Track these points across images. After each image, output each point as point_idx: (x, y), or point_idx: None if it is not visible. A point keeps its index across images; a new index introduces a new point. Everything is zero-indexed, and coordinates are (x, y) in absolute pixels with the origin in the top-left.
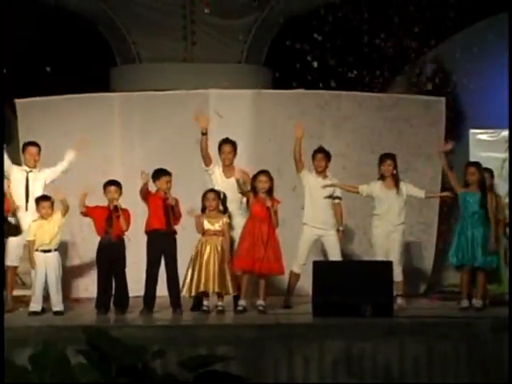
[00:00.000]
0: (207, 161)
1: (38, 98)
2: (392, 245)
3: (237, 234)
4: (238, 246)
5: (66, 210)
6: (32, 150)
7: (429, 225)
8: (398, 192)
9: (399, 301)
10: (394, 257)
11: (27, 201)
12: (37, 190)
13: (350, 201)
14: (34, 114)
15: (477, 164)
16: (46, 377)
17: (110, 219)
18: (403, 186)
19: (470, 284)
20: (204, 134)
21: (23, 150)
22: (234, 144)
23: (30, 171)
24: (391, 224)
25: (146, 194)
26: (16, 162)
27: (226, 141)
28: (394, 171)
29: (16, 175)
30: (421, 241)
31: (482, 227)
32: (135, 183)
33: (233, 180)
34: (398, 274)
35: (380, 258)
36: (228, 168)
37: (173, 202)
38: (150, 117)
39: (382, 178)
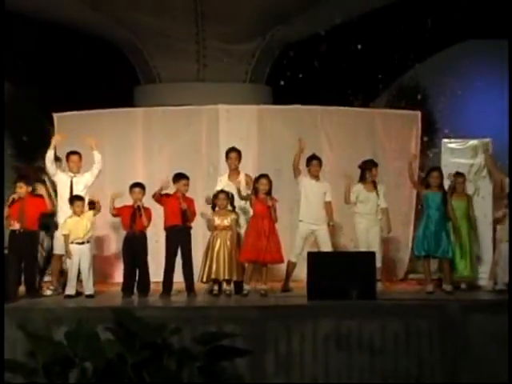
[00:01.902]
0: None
1: (73, 112)
2: (372, 238)
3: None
4: (244, 240)
5: (98, 210)
6: (74, 157)
7: (407, 220)
8: (377, 193)
9: (379, 285)
10: (375, 247)
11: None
12: (80, 192)
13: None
14: (69, 126)
15: (439, 169)
16: (79, 350)
17: (133, 217)
18: (380, 188)
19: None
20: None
21: (67, 159)
22: (239, 152)
23: (74, 176)
24: (371, 220)
25: (158, 198)
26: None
27: (232, 149)
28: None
29: (62, 180)
30: (399, 233)
31: (442, 223)
32: (155, 185)
33: (237, 182)
34: (377, 261)
35: (363, 249)
36: (233, 172)
37: (184, 206)
38: (167, 128)
39: (363, 180)
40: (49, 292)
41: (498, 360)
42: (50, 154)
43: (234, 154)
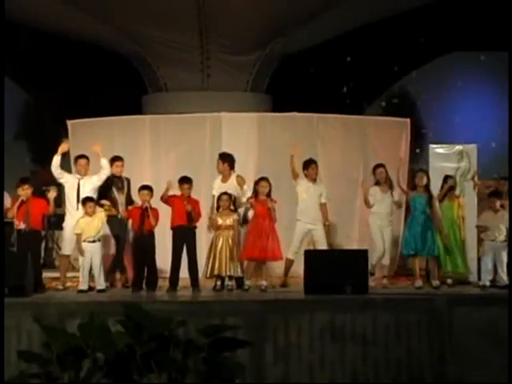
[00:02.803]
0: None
1: (85, 120)
2: (386, 237)
3: None
4: (246, 239)
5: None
6: (82, 161)
7: (397, 220)
8: (391, 194)
9: (385, 281)
10: (387, 245)
11: (78, 202)
12: (87, 194)
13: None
14: (82, 132)
15: (426, 172)
16: (91, 342)
17: (142, 217)
18: (395, 190)
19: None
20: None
21: (75, 162)
22: (225, 157)
23: (81, 178)
24: (385, 220)
25: (166, 200)
26: (67, 171)
27: (219, 154)
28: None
29: (70, 182)
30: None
31: (427, 224)
32: (162, 188)
33: (229, 184)
34: (386, 259)
35: (380, 247)
36: (225, 174)
37: (189, 208)
38: (173, 134)
39: (377, 183)
40: (61, 287)
41: (481, 349)
42: (56, 160)
43: (218, 159)
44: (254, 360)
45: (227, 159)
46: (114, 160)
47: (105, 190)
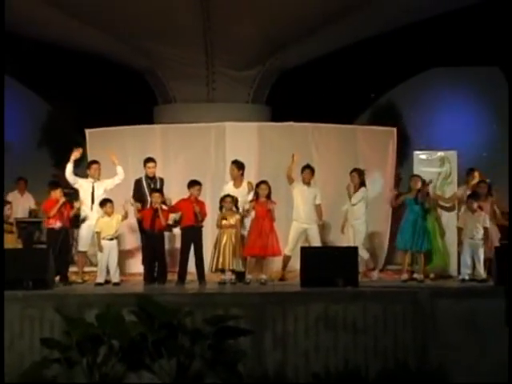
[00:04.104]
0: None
1: (102, 129)
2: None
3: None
4: (248, 238)
5: (126, 214)
6: (95, 166)
7: (384, 219)
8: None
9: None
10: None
11: (93, 203)
12: (100, 196)
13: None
14: (99, 140)
15: (420, 177)
16: (107, 330)
17: (153, 217)
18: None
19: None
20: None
21: (88, 167)
22: (238, 164)
23: (95, 181)
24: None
25: (173, 209)
26: (85, 175)
27: (232, 162)
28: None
29: (84, 185)
30: (381, 231)
31: (419, 222)
32: (172, 190)
33: (243, 188)
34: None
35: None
36: (237, 179)
37: (197, 209)
38: (181, 142)
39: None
40: (80, 280)
41: (460, 338)
42: (69, 167)
43: (232, 165)
44: (255, 347)
45: (240, 166)
46: (147, 161)
47: (137, 191)
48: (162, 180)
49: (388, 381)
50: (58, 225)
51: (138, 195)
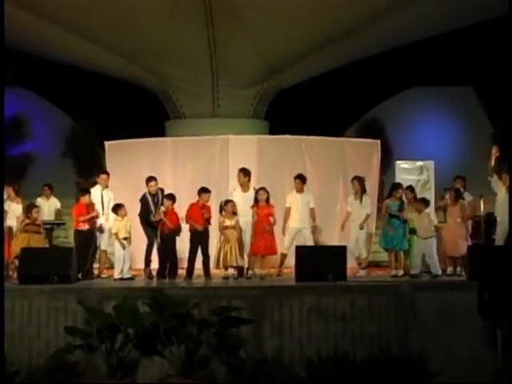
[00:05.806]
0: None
1: (119, 141)
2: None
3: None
4: (253, 238)
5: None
6: (104, 176)
7: (371, 222)
8: (362, 202)
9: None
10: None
11: (102, 208)
12: (107, 202)
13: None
14: (117, 151)
15: (401, 185)
16: (124, 320)
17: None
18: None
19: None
20: None
21: (98, 175)
22: (245, 171)
23: (103, 189)
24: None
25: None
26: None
27: (239, 169)
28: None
29: (94, 193)
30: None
31: (400, 224)
32: (181, 195)
33: (250, 193)
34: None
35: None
36: (244, 185)
37: (207, 215)
38: (189, 153)
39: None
40: (104, 275)
41: (438, 327)
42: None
43: (240, 173)
44: (255, 334)
45: (247, 173)
46: (149, 180)
47: (144, 207)
48: (162, 190)
49: (373, 364)
50: (86, 227)
51: (144, 210)
